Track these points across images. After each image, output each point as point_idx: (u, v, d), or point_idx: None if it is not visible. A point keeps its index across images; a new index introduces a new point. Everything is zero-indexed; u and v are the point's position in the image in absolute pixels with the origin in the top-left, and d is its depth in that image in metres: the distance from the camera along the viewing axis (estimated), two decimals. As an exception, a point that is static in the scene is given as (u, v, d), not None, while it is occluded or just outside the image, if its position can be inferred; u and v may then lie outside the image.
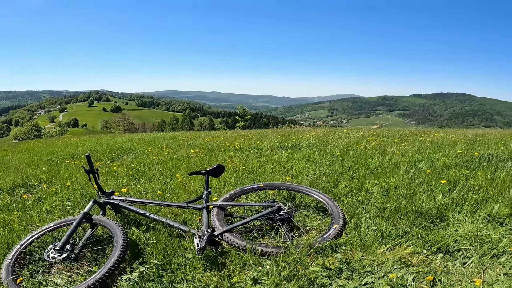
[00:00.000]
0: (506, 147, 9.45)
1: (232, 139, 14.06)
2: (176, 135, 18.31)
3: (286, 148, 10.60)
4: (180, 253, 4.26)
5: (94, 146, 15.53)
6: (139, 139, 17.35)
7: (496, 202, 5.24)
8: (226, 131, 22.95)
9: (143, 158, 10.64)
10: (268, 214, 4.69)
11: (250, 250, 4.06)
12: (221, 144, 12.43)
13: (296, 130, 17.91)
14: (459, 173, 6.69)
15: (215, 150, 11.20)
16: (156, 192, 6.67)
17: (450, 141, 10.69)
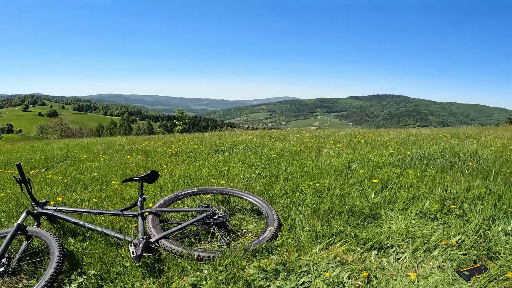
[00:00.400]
0: (438, 145, 9.77)
1: (170, 143, 13.97)
2: (113, 140, 18.06)
3: (223, 152, 10.63)
4: (118, 261, 4.23)
5: (28, 153, 15.13)
6: (76, 145, 17.03)
7: (427, 199, 5.44)
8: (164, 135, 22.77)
9: (79, 165, 10.44)
10: (202, 219, 4.72)
11: (187, 256, 4.07)
12: (158, 149, 12.34)
13: (234, 133, 17.95)
14: (391, 172, 6.89)
15: (152, 155, 11.10)
16: (92, 200, 6.57)
17: (384, 141, 10.96)
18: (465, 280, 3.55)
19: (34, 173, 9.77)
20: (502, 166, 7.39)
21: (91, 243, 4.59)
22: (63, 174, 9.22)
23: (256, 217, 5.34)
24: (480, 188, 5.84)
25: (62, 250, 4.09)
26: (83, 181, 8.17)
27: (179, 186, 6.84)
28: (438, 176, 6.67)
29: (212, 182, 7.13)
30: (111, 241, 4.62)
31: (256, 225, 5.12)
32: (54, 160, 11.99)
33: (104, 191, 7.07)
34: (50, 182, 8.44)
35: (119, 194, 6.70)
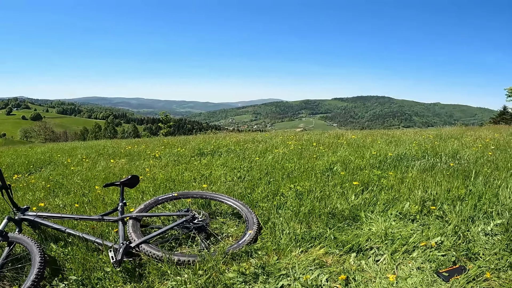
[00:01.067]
0: (420, 146, 9.85)
1: (154, 146, 13.94)
2: (97, 144, 17.97)
3: (206, 155, 10.65)
4: (99, 267, 4.23)
5: (12, 157, 15.02)
6: (59, 149, 16.92)
7: (407, 200, 5.51)
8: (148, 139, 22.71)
9: (62, 170, 10.38)
10: (182, 223, 4.74)
11: (167, 260, 4.09)
12: (141, 152, 12.30)
13: (218, 135, 17.94)
14: (372, 174, 6.94)
15: (135, 159, 11.08)
16: (73, 206, 6.56)
17: (366, 143, 11.02)
18: (444, 281, 3.60)
19: (17, 178, 9.72)
20: (482, 167, 7.48)
21: (73, 248, 4.58)
22: (46, 179, 9.18)
23: (236, 221, 5.38)
24: (460, 188, 5.92)
25: (43, 256, 4.07)
26: (66, 186, 8.13)
27: (161, 190, 6.83)
28: (419, 177, 6.75)
29: (194, 185, 7.16)
30: (92, 246, 4.62)
31: (237, 228, 5.16)
32: (37, 165, 11.92)
33: (87, 196, 7.05)
34: (33, 187, 8.41)
35: (101, 199, 6.70)
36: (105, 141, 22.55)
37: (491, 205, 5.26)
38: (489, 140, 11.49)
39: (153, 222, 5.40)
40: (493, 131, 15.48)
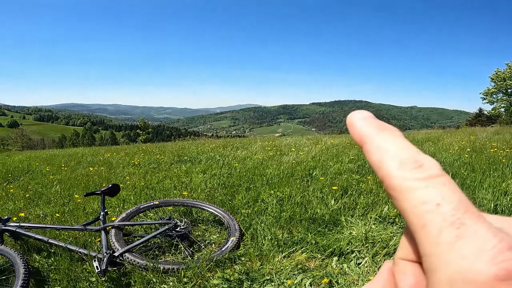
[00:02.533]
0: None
1: (132, 154, 13.90)
2: (76, 152, 17.85)
3: (185, 162, 10.63)
4: (84, 277, 4.22)
5: (-12, 167, 14.93)
6: (37, 157, 16.77)
7: (386, 204, 5.57)
8: (127, 146, 22.60)
9: (41, 179, 10.31)
10: (165, 231, 4.75)
11: (152, 269, 4.11)
12: (120, 160, 12.26)
13: (197, 142, 17.91)
14: (351, 179, 7.00)
15: (114, 167, 11.01)
16: (54, 215, 6.53)
17: (345, 147, 11.10)
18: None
19: (-5, 188, 9.65)
20: (459, 169, 7.59)
21: (56, 259, 4.57)
22: (25, 188, 9.12)
23: (218, 228, 5.40)
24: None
25: (27, 267, 4.04)
26: (45, 195, 8.07)
27: (141, 198, 6.83)
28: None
29: (174, 193, 7.15)
30: (76, 256, 4.60)
31: (219, 235, 5.19)
32: (16, 174, 11.82)
33: (67, 205, 7.02)
34: (12, 196, 8.35)
35: (82, 208, 6.69)
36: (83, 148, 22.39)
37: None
38: (465, 142, 11.64)
39: (136, 230, 5.40)
40: (469, 133, 15.67)
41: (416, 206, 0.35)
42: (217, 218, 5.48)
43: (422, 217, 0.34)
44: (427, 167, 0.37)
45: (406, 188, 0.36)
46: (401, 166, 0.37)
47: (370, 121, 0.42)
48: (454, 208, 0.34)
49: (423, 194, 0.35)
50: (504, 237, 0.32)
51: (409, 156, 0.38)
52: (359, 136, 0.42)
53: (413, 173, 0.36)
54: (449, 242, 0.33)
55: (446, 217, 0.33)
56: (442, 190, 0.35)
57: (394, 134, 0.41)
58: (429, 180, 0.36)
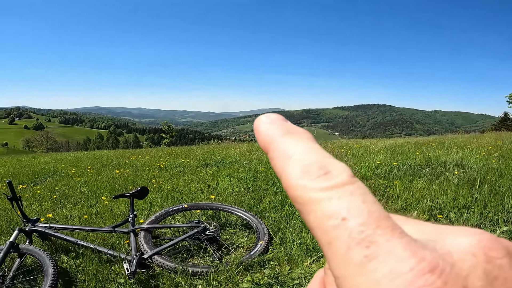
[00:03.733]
0: (424, 155, 9.85)
1: (157, 157, 13.97)
2: (101, 154, 17.98)
3: (211, 165, 10.66)
4: (112, 278, 4.24)
5: (15, 167, 15.02)
6: (63, 159, 16.93)
7: (415, 209, 5.51)
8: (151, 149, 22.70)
9: (67, 180, 10.39)
10: (194, 234, 4.76)
11: (181, 271, 4.11)
12: (146, 163, 12.33)
13: (221, 146, 17.96)
14: (378, 184, 6.94)
15: (140, 170, 11.07)
16: (82, 217, 6.55)
17: (371, 152, 11.03)
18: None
19: (23, 189, 9.73)
20: (487, 174, 7.48)
21: (84, 260, 4.61)
22: (52, 190, 9.18)
23: (246, 231, 5.39)
24: (466, 197, 5.93)
25: (55, 267, 4.06)
26: (72, 197, 8.14)
27: (168, 201, 6.85)
28: (425, 186, 6.76)
29: (201, 196, 7.17)
30: (104, 258, 4.63)
31: (247, 239, 5.17)
32: (42, 175, 11.94)
33: (94, 207, 7.07)
34: (39, 197, 8.42)
35: (110, 210, 6.72)
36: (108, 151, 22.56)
37: (497, 212, 5.28)
38: (491, 147, 11.49)
39: (163, 233, 5.42)
40: (495, 138, 15.46)
41: (321, 221, 0.30)
42: (246, 222, 5.47)
43: (327, 234, 0.30)
44: (334, 174, 0.32)
45: (309, 199, 0.31)
46: (304, 174, 0.33)
47: (276, 124, 0.39)
48: (363, 223, 0.29)
49: (328, 207, 0.30)
50: (426, 255, 0.28)
51: (314, 162, 0.33)
52: (264, 141, 0.38)
53: (317, 181, 0.32)
54: (359, 263, 0.28)
55: (353, 233, 0.29)
56: (350, 201, 0.30)
57: (301, 137, 0.37)
58: (335, 189, 0.31)
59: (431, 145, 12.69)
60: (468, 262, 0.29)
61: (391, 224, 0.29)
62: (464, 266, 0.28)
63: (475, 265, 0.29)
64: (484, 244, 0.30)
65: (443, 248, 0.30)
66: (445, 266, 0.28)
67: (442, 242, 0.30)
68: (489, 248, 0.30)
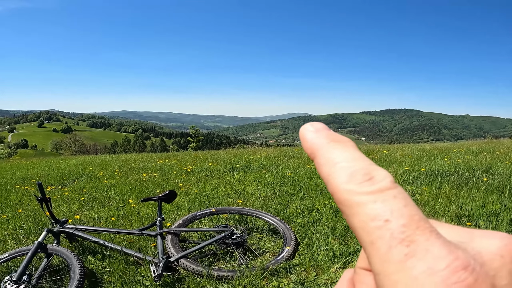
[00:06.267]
0: (452, 161, 9.73)
1: (184, 161, 14.03)
2: (128, 158, 18.13)
3: (238, 170, 10.65)
4: (138, 280, 4.25)
5: (44, 169, 15.22)
6: (91, 162, 17.11)
7: (442, 217, 5.46)
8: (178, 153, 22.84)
9: (95, 183, 10.50)
10: (221, 238, 4.75)
11: (207, 275, 4.10)
12: (173, 167, 12.39)
13: (248, 150, 17.98)
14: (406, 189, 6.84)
15: (167, 173, 11.13)
16: (109, 219, 6.59)
17: (398, 158, 10.94)
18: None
19: (51, 190, 9.84)
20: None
21: (111, 261, 4.64)
22: (80, 192, 9.28)
23: (273, 237, 5.36)
24: (495, 204, 5.84)
25: (82, 268, 4.10)
26: (99, 199, 8.21)
27: (195, 205, 6.86)
28: (453, 192, 6.67)
29: (228, 201, 7.17)
30: (131, 260, 4.66)
31: (274, 244, 5.14)
32: (70, 177, 12.07)
33: (121, 210, 7.11)
34: (67, 199, 8.51)
35: (137, 213, 6.75)
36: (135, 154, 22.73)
37: (527, 220, 5.19)
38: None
39: (190, 236, 5.42)
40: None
41: (365, 222, 0.33)
42: (272, 227, 5.45)
43: (370, 234, 0.33)
44: (378, 180, 0.35)
45: (354, 202, 0.34)
46: (350, 179, 0.35)
47: (321, 133, 0.41)
48: (404, 225, 0.32)
49: (372, 209, 0.33)
50: (459, 254, 0.31)
51: (359, 169, 0.36)
52: (310, 148, 0.40)
53: (362, 186, 0.34)
54: (399, 261, 0.31)
55: (395, 234, 0.32)
56: (392, 204, 0.33)
57: (345, 145, 0.39)
58: (379, 193, 0.34)
59: (459, 150, 12.55)
60: (496, 263, 0.32)
61: (429, 226, 0.32)
62: (492, 265, 0.31)
63: (502, 265, 0.32)
64: (510, 246, 0.33)
65: (474, 249, 0.32)
66: (476, 265, 0.30)
67: (472, 244, 0.33)
68: None
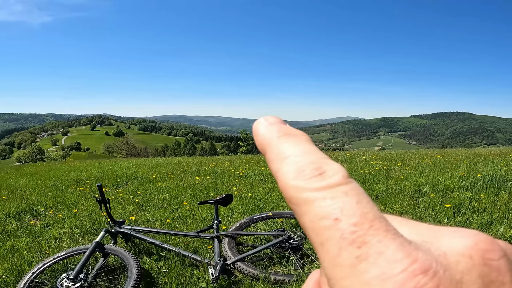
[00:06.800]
0: (509, 166, 9.48)
1: (236, 165, 14.08)
2: (180, 161, 18.31)
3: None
4: (193, 282, 4.28)
5: (98, 171, 15.54)
6: (143, 164, 17.37)
7: (501, 224, 5.30)
8: (229, 157, 22.97)
9: (149, 185, 10.65)
10: (278, 242, 4.74)
11: (263, 279, 4.10)
12: (225, 171, 12.47)
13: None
14: (463, 196, 6.72)
15: (220, 177, 11.21)
16: (164, 221, 6.67)
17: (453, 163, 10.72)
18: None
19: (105, 191, 10.00)
20: None
21: (166, 262, 4.68)
22: (134, 193, 9.43)
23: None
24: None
25: (140, 268, 4.17)
26: (153, 201, 8.31)
27: (249, 209, 6.90)
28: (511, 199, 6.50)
29: (282, 205, 7.15)
30: (186, 261, 4.69)
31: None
32: (124, 179, 12.28)
33: (176, 212, 7.18)
34: (122, 200, 8.64)
35: (191, 215, 6.80)
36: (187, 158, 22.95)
37: None
38: None
39: (245, 240, 5.42)
40: None
41: (314, 222, 0.30)
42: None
43: (320, 235, 0.30)
44: (328, 175, 0.32)
45: (303, 200, 0.31)
46: (298, 174, 0.33)
47: (273, 127, 0.39)
48: (356, 223, 0.29)
49: (321, 207, 0.30)
50: (419, 256, 0.28)
51: (309, 162, 0.33)
52: (261, 143, 0.38)
53: (311, 182, 0.32)
54: (350, 264, 0.28)
55: (345, 234, 0.29)
56: (344, 201, 0.30)
57: (297, 138, 0.37)
58: (329, 190, 0.31)
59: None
60: (463, 264, 0.29)
61: (385, 225, 0.29)
62: (459, 268, 0.29)
63: (471, 268, 0.29)
64: (481, 246, 0.30)
65: (438, 250, 0.30)
66: (438, 268, 0.28)
67: (437, 244, 0.30)
68: (485, 250, 0.30)
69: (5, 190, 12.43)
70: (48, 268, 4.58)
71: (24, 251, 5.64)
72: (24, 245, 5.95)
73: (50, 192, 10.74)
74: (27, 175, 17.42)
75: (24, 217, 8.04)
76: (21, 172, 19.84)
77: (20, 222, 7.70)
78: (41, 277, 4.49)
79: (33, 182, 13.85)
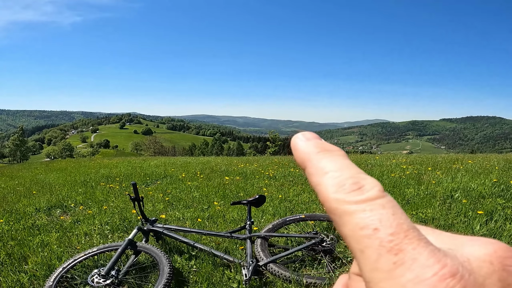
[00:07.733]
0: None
1: (265, 166, 14.08)
2: (208, 160, 18.38)
3: (321, 176, 10.55)
4: (225, 282, 4.30)
5: (127, 169, 15.66)
6: (172, 163, 17.47)
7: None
8: (258, 157, 22.98)
9: (178, 184, 10.70)
10: (311, 245, 4.72)
11: (295, 281, 4.08)
12: (254, 171, 12.48)
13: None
14: (495, 203, 6.63)
15: (249, 178, 11.23)
16: (195, 220, 6.70)
17: (485, 169, 10.58)
18: None
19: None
20: None
21: (197, 262, 4.70)
22: (163, 192, 9.48)
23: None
24: None
25: (171, 267, 4.19)
26: (184, 200, 8.34)
27: (280, 211, 6.88)
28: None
29: (313, 207, 7.13)
30: (218, 261, 4.70)
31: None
32: (153, 177, 12.37)
33: (206, 211, 7.20)
34: (152, 199, 8.69)
35: (222, 215, 6.81)
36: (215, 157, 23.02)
37: None
38: None
39: (276, 241, 5.41)
40: None
41: (354, 231, 0.34)
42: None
43: (360, 243, 0.34)
44: (367, 189, 0.36)
45: (343, 212, 0.35)
46: (339, 188, 0.36)
47: (311, 143, 0.42)
48: (393, 233, 0.33)
49: (361, 218, 0.34)
50: (447, 262, 0.32)
51: (348, 177, 0.37)
52: (301, 158, 0.41)
53: (351, 195, 0.36)
54: (387, 269, 0.32)
55: (383, 243, 0.33)
56: (381, 213, 0.34)
57: (335, 154, 0.40)
58: (367, 203, 0.35)
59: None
60: (485, 269, 0.33)
61: (418, 234, 0.33)
62: (481, 272, 0.32)
63: (491, 272, 0.33)
64: (500, 253, 0.34)
65: (463, 256, 0.33)
66: (464, 272, 0.31)
67: (461, 251, 0.34)
68: (504, 257, 0.34)
69: (36, 185, 12.63)
70: (79, 263, 4.62)
71: (54, 246, 5.69)
72: (54, 240, 6.02)
73: (80, 188, 10.88)
74: (56, 170, 17.68)
75: (54, 212, 8.15)
76: (51, 167, 20.12)
77: (50, 217, 7.81)
78: (71, 273, 4.53)
79: (63, 178, 14.05)
